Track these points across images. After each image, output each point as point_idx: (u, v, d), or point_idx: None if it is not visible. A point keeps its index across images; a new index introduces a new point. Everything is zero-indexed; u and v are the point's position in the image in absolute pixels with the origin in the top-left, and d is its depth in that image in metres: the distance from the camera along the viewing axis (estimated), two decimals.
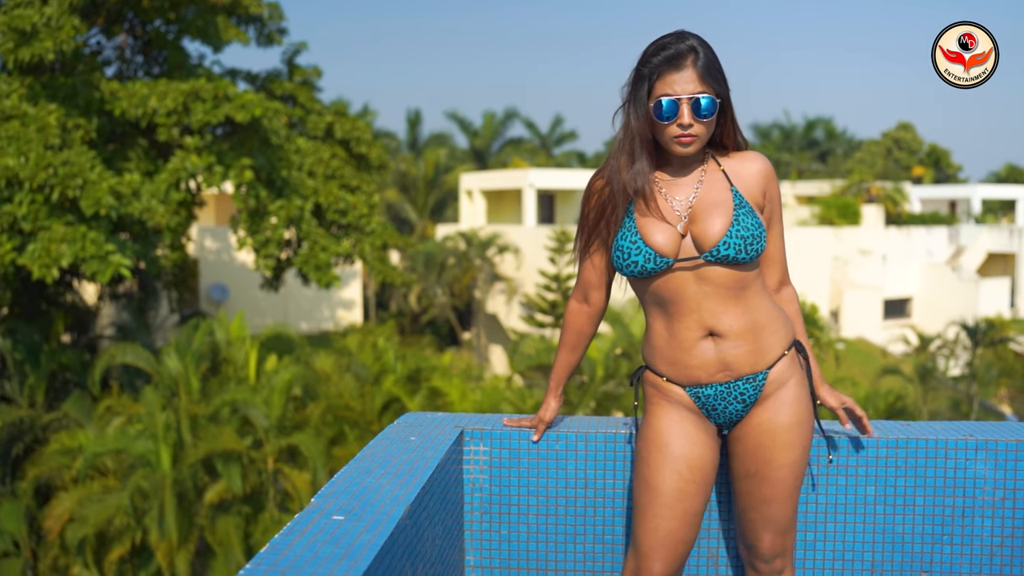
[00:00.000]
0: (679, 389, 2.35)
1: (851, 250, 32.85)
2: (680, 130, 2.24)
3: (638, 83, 2.27)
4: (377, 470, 2.21)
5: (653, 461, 2.34)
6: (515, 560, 2.67)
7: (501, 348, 31.47)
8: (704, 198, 2.30)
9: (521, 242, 30.58)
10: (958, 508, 2.60)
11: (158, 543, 13.32)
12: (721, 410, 2.34)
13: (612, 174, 2.33)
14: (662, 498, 2.32)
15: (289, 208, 15.79)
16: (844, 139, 59.69)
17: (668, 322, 2.34)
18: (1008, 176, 55.17)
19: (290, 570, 1.57)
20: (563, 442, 2.63)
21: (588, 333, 2.54)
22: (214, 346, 15.23)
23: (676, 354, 2.33)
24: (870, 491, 2.61)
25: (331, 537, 1.73)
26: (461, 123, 49.62)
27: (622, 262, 2.32)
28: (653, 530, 2.32)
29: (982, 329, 26.68)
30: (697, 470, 2.33)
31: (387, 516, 1.86)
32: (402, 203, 39.76)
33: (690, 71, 2.22)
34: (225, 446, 13.30)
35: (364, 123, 21.23)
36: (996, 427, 2.72)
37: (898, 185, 37.96)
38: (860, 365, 27.67)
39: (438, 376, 15.67)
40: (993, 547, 2.60)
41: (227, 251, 27.92)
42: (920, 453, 2.60)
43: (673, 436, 2.34)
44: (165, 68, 18.94)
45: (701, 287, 2.29)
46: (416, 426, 2.68)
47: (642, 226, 2.29)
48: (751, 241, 2.27)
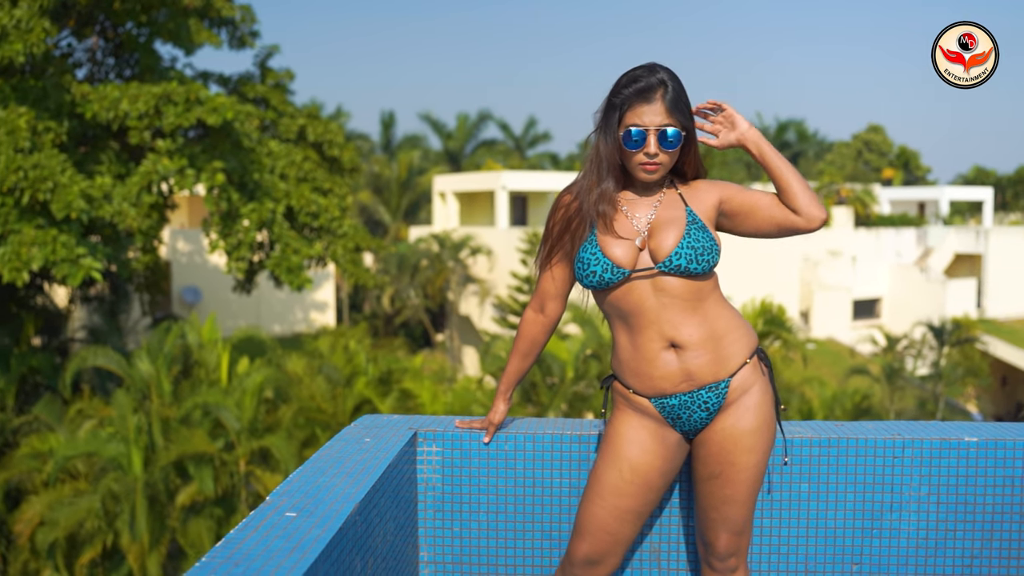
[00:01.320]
0: (645, 400, 2.48)
1: (821, 251, 33.21)
2: (646, 158, 2.40)
3: (610, 112, 2.43)
4: (331, 470, 2.32)
5: (603, 457, 2.51)
6: (467, 556, 2.79)
7: (474, 350, 31.57)
8: (661, 215, 2.46)
9: (494, 244, 30.71)
10: (886, 504, 2.74)
11: (129, 546, 13.34)
12: (686, 419, 2.47)
13: (582, 192, 2.48)
14: (599, 488, 2.48)
15: (261, 211, 15.83)
16: (815, 141, 60.18)
17: (631, 335, 2.47)
18: (975, 178, 55.81)
19: (243, 562, 1.68)
20: (512, 443, 2.76)
21: (541, 342, 2.66)
22: (186, 349, 15.25)
23: (640, 366, 2.46)
24: (804, 488, 2.75)
25: (283, 532, 1.85)
26: (435, 125, 49.66)
27: (582, 273, 2.45)
28: (585, 513, 2.50)
29: (948, 329, 27.06)
30: (639, 474, 2.47)
31: (337, 513, 1.98)
32: (375, 205, 39.78)
33: (659, 104, 2.38)
34: (197, 448, 13.33)
35: (336, 126, 21.28)
36: (922, 426, 2.87)
37: (867, 187, 38.39)
38: (829, 365, 27.98)
39: (409, 378, 15.77)
40: (919, 540, 2.74)
41: (200, 253, 27.88)
42: (851, 452, 2.74)
43: (625, 440, 2.49)
44: (137, 71, 18.91)
45: (659, 299, 2.42)
46: (371, 428, 2.80)
47: (603, 240, 2.44)
48: (702, 252, 2.41)
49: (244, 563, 1.68)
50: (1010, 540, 2.74)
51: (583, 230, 2.46)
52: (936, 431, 2.80)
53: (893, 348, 27.16)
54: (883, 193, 42.42)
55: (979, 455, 2.73)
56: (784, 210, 2.46)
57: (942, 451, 2.73)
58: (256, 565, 1.67)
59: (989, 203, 43.88)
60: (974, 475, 2.73)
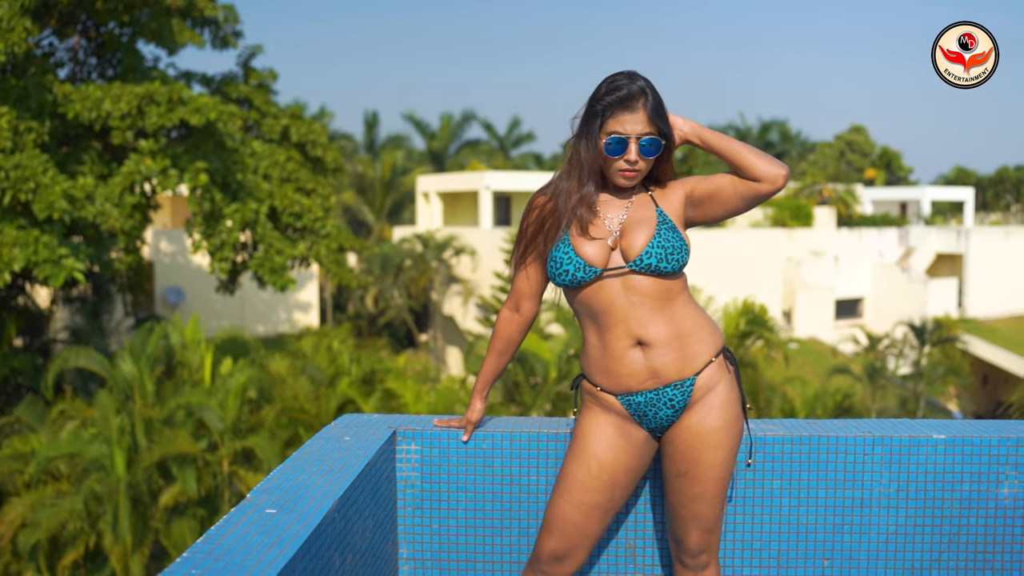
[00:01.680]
0: (612, 398, 2.54)
1: (804, 251, 33.37)
2: (627, 165, 2.47)
3: (591, 118, 2.48)
4: (311, 468, 2.36)
5: (571, 454, 2.56)
6: (446, 552, 2.83)
7: (457, 350, 31.60)
8: (632, 216, 2.53)
9: (477, 244, 30.75)
10: (857, 500, 2.80)
11: (112, 547, 13.31)
12: (652, 416, 2.52)
13: (558, 193, 2.54)
14: (567, 484, 2.54)
15: (244, 211, 15.82)
16: (798, 141, 60.48)
17: (600, 333, 2.53)
18: (957, 178, 56.20)
19: (223, 557, 1.72)
20: (490, 441, 2.80)
21: (516, 341, 2.71)
22: (169, 349, 15.23)
23: (608, 363, 2.52)
24: (776, 485, 2.80)
25: (263, 528, 1.89)
26: (418, 125, 49.66)
27: (555, 271, 2.51)
28: (554, 509, 2.55)
29: (930, 329, 27.25)
30: (606, 471, 2.53)
31: (316, 509, 2.02)
32: (359, 205, 39.77)
33: (641, 113, 2.44)
34: (180, 449, 13.32)
35: (320, 126, 21.26)
36: (891, 424, 2.93)
37: (850, 187, 38.59)
38: (812, 365, 28.13)
39: (392, 378, 15.78)
40: (888, 535, 2.80)
41: (183, 254, 27.81)
42: (823, 449, 2.80)
43: (593, 438, 2.54)
44: (119, 70, 18.86)
45: (629, 297, 2.48)
46: (351, 427, 2.84)
47: (575, 240, 2.50)
48: (672, 252, 2.47)
49: (225, 558, 1.72)
50: (976, 535, 2.80)
51: (556, 230, 2.51)
52: (905, 429, 2.86)
53: (875, 347, 27.33)
54: (865, 193, 42.66)
55: (947, 452, 2.79)
56: (746, 181, 2.50)
57: (911, 448, 2.79)
58: (236, 560, 1.71)
59: (970, 203, 44.19)
60: (942, 472, 2.79)
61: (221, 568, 1.67)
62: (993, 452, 2.79)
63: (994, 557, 2.81)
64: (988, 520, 2.80)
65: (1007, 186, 52.73)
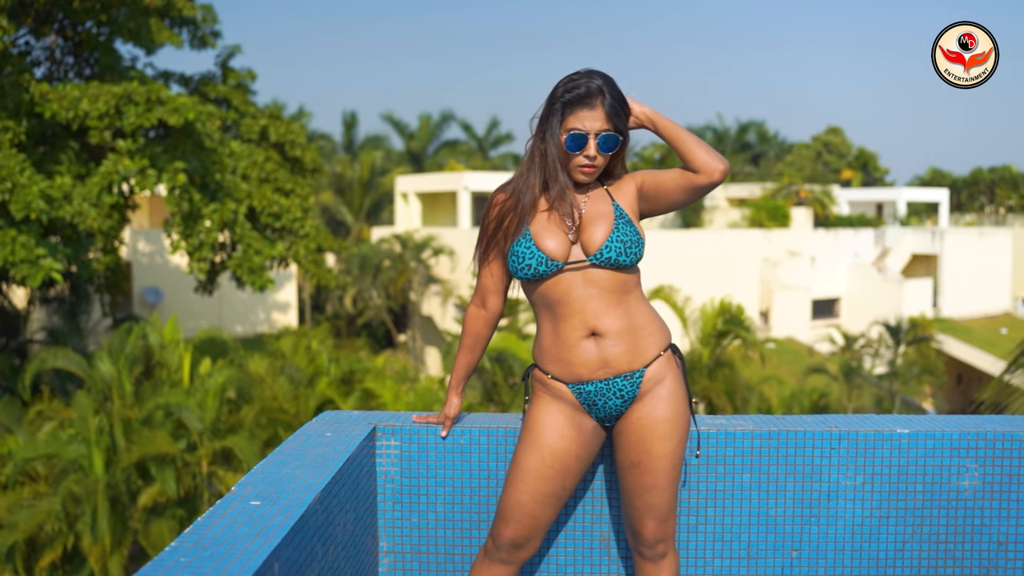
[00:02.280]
0: (563, 386, 2.62)
1: (781, 252, 33.60)
2: (586, 161, 2.55)
3: (552, 116, 2.56)
4: (293, 462, 2.43)
5: (523, 444, 2.64)
6: (424, 545, 2.90)
7: (436, 350, 31.63)
8: (590, 211, 2.61)
9: (456, 244, 30.81)
10: (824, 492, 2.88)
11: (91, 548, 13.27)
12: (601, 405, 2.60)
13: (520, 189, 2.61)
14: (521, 475, 2.61)
15: (223, 211, 15.82)
16: (776, 142, 60.77)
17: (555, 323, 2.61)
18: (932, 180, 56.70)
19: (210, 546, 1.79)
20: (467, 436, 2.87)
21: (485, 336, 2.80)
22: (147, 350, 15.21)
23: (560, 352, 2.60)
24: (746, 478, 2.88)
25: (248, 519, 1.95)
26: (397, 125, 49.63)
27: (517, 265, 2.58)
28: (509, 499, 2.62)
29: (905, 328, 27.53)
30: (559, 459, 2.61)
31: (299, 501, 2.08)
32: (338, 205, 39.72)
33: (599, 110, 2.52)
34: (159, 449, 13.31)
35: (298, 126, 21.26)
36: (857, 419, 3.02)
37: (826, 188, 38.88)
38: (788, 364, 28.35)
39: (371, 378, 15.81)
40: (854, 526, 2.89)
41: (161, 254, 27.72)
42: (791, 443, 2.88)
43: (545, 427, 2.62)
44: (96, 70, 18.80)
45: (587, 289, 2.57)
46: (332, 423, 2.90)
47: (536, 234, 2.58)
48: (630, 245, 2.56)
49: (211, 547, 1.79)
50: (939, 525, 2.89)
51: (517, 227, 2.59)
52: (870, 424, 2.95)
53: (851, 347, 27.58)
54: (842, 194, 42.99)
55: (910, 446, 2.88)
56: (686, 174, 2.57)
57: (876, 442, 2.88)
58: (223, 549, 1.77)
59: (945, 204, 44.61)
60: (906, 465, 2.88)
61: (208, 556, 1.73)
62: (954, 445, 2.89)
63: (955, 547, 2.90)
64: (950, 511, 2.89)
65: (981, 187, 53.27)
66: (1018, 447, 2.90)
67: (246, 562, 1.71)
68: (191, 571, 1.66)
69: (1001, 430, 2.91)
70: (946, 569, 2.91)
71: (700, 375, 18.39)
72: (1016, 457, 2.90)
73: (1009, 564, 2.92)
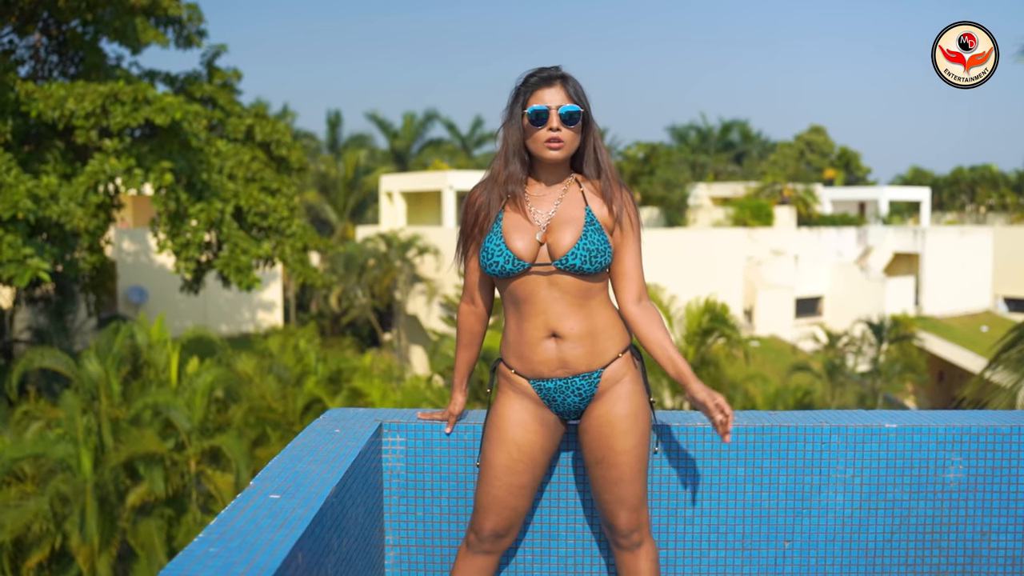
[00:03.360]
0: (524, 381, 2.72)
1: (764, 250, 33.79)
2: (551, 134, 2.62)
3: (515, 102, 2.67)
4: (307, 457, 2.51)
5: (492, 441, 2.74)
6: (430, 538, 2.99)
7: (422, 349, 31.68)
8: (561, 213, 2.67)
9: (441, 243, 30.87)
10: (815, 485, 2.99)
11: (79, 548, 13.27)
12: (560, 401, 2.71)
13: (488, 181, 2.71)
14: (493, 471, 2.72)
15: (210, 211, 15.84)
16: (759, 141, 61.10)
17: (519, 320, 2.70)
18: (913, 178, 57.11)
19: (237, 537, 1.87)
20: (471, 432, 2.96)
21: (479, 331, 2.89)
22: (135, 349, 15.20)
23: (523, 350, 2.70)
24: (740, 472, 2.98)
25: (269, 512, 2.03)
26: (381, 124, 49.63)
27: (486, 262, 2.67)
28: (485, 495, 2.74)
29: (887, 326, 27.76)
30: (525, 453, 2.72)
31: (316, 495, 2.17)
32: (322, 204, 39.72)
33: (559, 88, 2.64)
34: (147, 449, 13.32)
35: (284, 125, 21.28)
36: (847, 414, 3.13)
37: (809, 187, 39.12)
38: (772, 363, 28.54)
39: (359, 377, 15.87)
40: (844, 517, 2.99)
41: (145, 253, 27.67)
42: (783, 438, 2.98)
43: (510, 423, 2.72)
44: (81, 69, 18.78)
45: (551, 291, 2.65)
46: (339, 420, 2.99)
47: (506, 232, 2.65)
48: (596, 255, 2.63)
49: (238, 538, 1.87)
50: (925, 516, 3.00)
51: (490, 220, 2.67)
52: (859, 419, 3.06)
53: (834, 345, 27.79)
54: (824, 193, 43.26)
55: (898, 440, 2.98)
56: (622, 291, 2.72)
57: (865, 437, 2.98)
58: (249, 540, 1.86)
59: (926, 203, 44.95)
60: (893, 458, 2.99)
61: (236, 547, 1.82)
62: (940, 439, 2.99)
63: (941, 537, 3.01)
64: (936, 503, 3.00)
65: (962, 186, 53.70)
66: (1000, 441, 3.01)
67: (273, 552, 1.79)
68: (221, 561, 1.74)
69: (984, 424, 3.02)
70: (932, 558, 3.01)
71: None
72: (998, 451, 3.01)
73: (992, 553, 3.03)
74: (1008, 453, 3.01)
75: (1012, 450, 3.01)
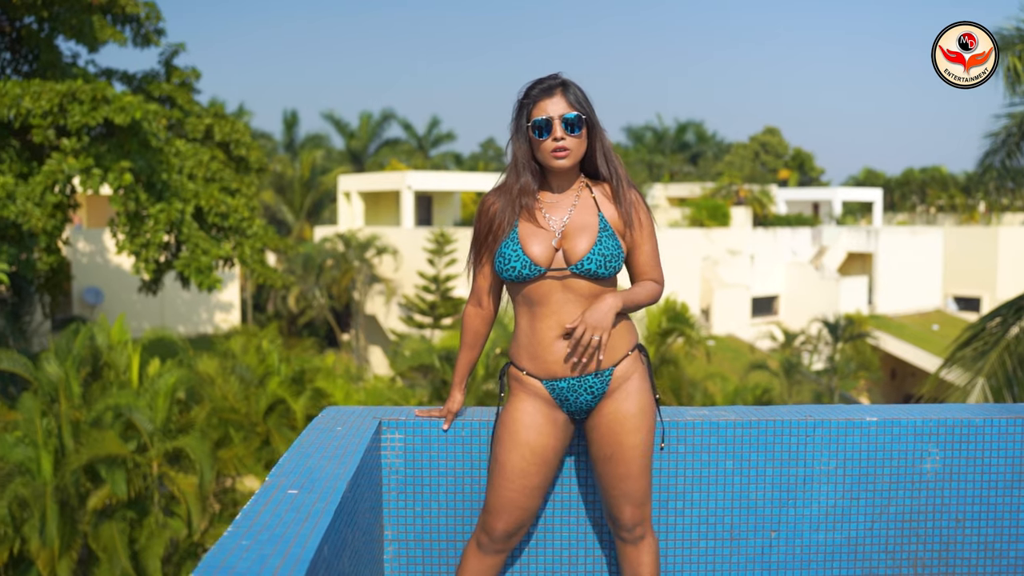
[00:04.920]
0: (537, 382, 2.79)
1: (721, 250, 34.13)
2: (555, 143, 2.71)
3: (519, 114, 2.76)
4: (315, 454, 2.58)
5: (504, 443, 2.81)
6: (428, 533, 3.06)
7: (380, 349, 31.65)
8: (576, 220, 2.77)
9: (400, 244, 30.85)
10: (800, 477, 3.10)
11: (39, 552, 13.12)
12: (573, 400, 2.79)
13: (503, 191, 2.79)
14: (506, 473, 2.79)
15: (170, 211, 15.72)
16: (714, 142, 61.70)
17: (532, 321, 2.78)
18: (866, 179, 58.01)
19: (265, 530, 1.93)
20: (468, 430, 3.04)
21: (484, 333, 2.97)
22: (95, 350, 15.04)
23: (536, 350, 2.77)
24: (728, 465, 3.09)
25: (291, 506, 2.10)
26: (337, 124, 49.47)
27: (503, 266, 2.75)
28: (498, 497, 2.81)
29: (842, 325, 28.19)
30: (538, 455, 2.79)
31: (333, 490, 2.23)
32: (278, 204, 39.51)
33: (559, 97, 2.72)
34: (109, 451, 13.19)
35: (243, 125, 21.16)
36: (830, 409, 3.25)
37: (765, 188, 39.60)
38: (730, 361, 28.86)
39: (322, 377, 15.83)
40: (828, 508, 3.11)
41: (101, 254, 27.35)
42: (769, 431, 3.09)
43: (522, 426, 2.79)
44: (35, 67, 18.54)
45: (565, 294, 2.74)
46: (339, 418, 3.05)
47: (523, 238, 2.74)
48: (611, 260, 2.73)
49: (267, 531, 1.93)
50: (904, 505, 3.14)
51: (505, 228, 2.75)
52: (842, 413, 3.18)
53: (791, 344, 28.17)
54: (779, 193, 43.79)
55: (878, 432, 3.11)
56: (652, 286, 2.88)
57: (847, 430, 3.10)
58: (277, 533, 1.92)
59: (879, 204, 45.69)
60: (874, 450, 3.11)
61: (267, 540, 1.88)
62: (918, 432, 3.13)
63: (919, 525, 3.14)
64: (914, 492, 3.13)
65: (913, 187, 54.64)
66: (974, 433, 3.15)
67: (304, 543, 1.86)
68: (255, 553, 1.80)
69: (959, 417, 3.16)
70: (911, 545, 3.14)
71: None
72: (972, 442, 3.15)
73: (966, 540, 3.17)
74: (981, 444, 3.15)
75: (985, 441, 3.15)
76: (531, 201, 2.75)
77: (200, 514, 13.59)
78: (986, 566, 3.17)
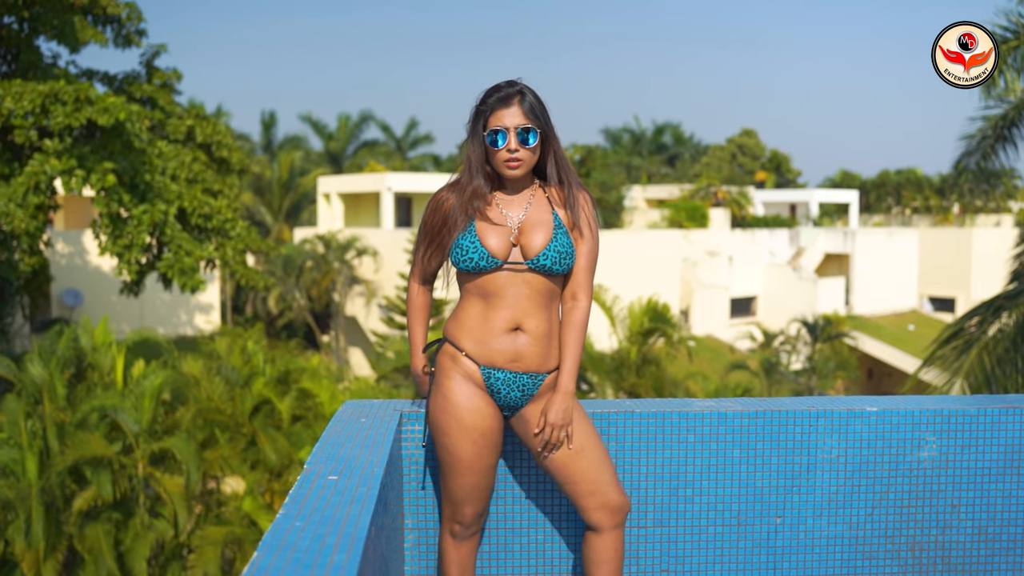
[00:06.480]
0: (473, 365, 2.86)
1: (700, 251, 34.38)
2: (508, 154, 2.81)
3: (476, 120, 2.85)
4: (347, 444, 2.68)
5: (452, 433, 2.86)
6: None
7: (360, 351, 31.67)
8: (532, 216, 2.88)
9: (380, 245, 30.88)
10: (804, 465, 3.23)
11: (24, 554, 13.10)
12: (504, 394, 2.88)
13: (458, 190, 2.88)
14: (464, 462, 2.87)
15: (153, 212, 15.72)
16: (691, 144, 62.05)
17: (486, 311, 2.87)
18: (842, 181, 58.49)
19: (315, 514, 2.03)
20: None
21: (429, 303, 3.07)
22: (79, 352, 15.02)
23: (483, 336, 2.85)
24: (736, 454, 3.21)
25: (335, 491, 2.20)
26: (316, 126, 49.41)
27: (460, 258, 2.84)
28: (461, 487, 2.89)
29: (820, 325, 28.49)
30: (487, 437, 2.88)
31: (372, 475, 2.34)
32: (257, 206, 39.42)
33: (516, 108, 2.80)
34: (94, 452, 13.19)
35: (225, 126, 21.15)
36: (832, 400, 3.39)
37: (743, 189, 39.89)
38: (710, 361, 29.08)
39: (307, 378, 15.87)
40: (831, 495, 3.25)
41: (80, 256, 27.23)
42: (774, 422, 3.22)
43: (465, 411, 2.86)
44: (15, 67, 18.47)
45: (521, 288, 2.84)
46: (360, 410, 3.16)
47: (481, 231, 2.84)
48: (564, 256, 2.85)
49: (316, 514, 2.03)
50: (902, 491, 3.28)
51: (460, 223, 2.84)
52: (843, 403, 3.32)
53: (770, 344, 28.43)
54: (757, 195, 44.11)
55: (878, 422, 3.25)
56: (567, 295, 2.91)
57: (849, 420, 3.24)
58: (328, 514, 2.02)
59: (855, 205, 46.13)
60: (874, 439, 3.25)
61: (319, 521, 1.98)
62: (916, 421, 3.27)
63: (917, 510, 3.28)
64: (912, 479, 3.27)
65: (888, 189, 55.20)
66: (969, 422, 3.29)
67: (355, 524, 1.96)
68: (310, 534, 1.90)
69: (955, 407, 3.30)
70: (908, 530, 3.28)
71: (629, 372, 18.87)
72: (967, 430, 3.29)
73: (962, 525, 3.31)
74: (976, 433, 3.29)
75: (979, 430, 3.29)
76: (482, 204, 2.84)
77: (186, 515, 13.61)
78: (980, 549, 3.31)
